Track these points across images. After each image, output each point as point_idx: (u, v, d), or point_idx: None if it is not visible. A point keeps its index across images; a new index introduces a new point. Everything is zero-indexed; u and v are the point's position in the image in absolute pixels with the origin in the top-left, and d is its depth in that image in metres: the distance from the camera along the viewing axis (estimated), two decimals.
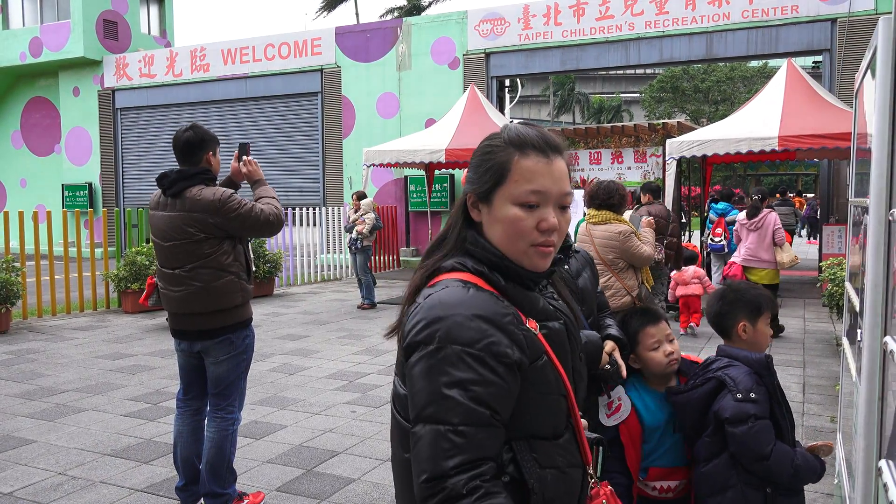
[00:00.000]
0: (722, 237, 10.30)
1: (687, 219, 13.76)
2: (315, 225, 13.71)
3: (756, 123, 9.65)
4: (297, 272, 13.27)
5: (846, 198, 9.26)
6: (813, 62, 22.86)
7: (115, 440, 4.69)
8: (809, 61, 23.28)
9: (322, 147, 17.13)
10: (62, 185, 20.35)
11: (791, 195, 20.13)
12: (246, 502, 3.63)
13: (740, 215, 8.21)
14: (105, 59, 19.71)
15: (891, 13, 1.86)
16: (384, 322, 8.84)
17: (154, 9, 21.81)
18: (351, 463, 4.23)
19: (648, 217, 5.42)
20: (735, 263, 7.94)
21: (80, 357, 7.14)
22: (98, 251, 16.54)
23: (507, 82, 16.72)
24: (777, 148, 9.23)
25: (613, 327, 2.58)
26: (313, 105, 17.29)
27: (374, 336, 8.15)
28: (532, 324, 1.29)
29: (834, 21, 12.26)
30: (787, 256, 7.71)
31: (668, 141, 9.92)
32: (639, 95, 44.26)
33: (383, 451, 4.39)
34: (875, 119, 1.97)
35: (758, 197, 8.41)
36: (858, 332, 2.25)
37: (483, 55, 15.24)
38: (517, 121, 1.39)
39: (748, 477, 2.17)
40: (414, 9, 33.52)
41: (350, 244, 10.46)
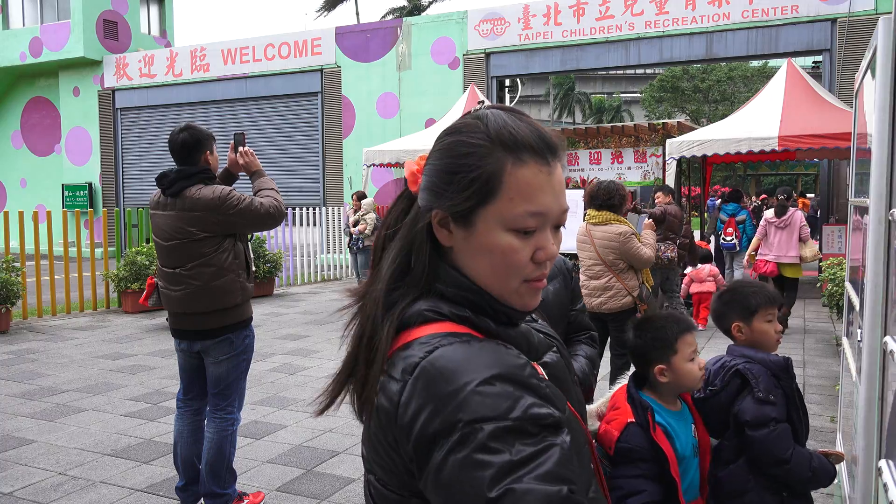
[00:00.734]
0: (733, 236, 10.69)
1: (688, 219, 13.77)
2: (315, 225, 13.71)
3: (756, 123, 9.65)
4: (297, 272, 13.27)
5: (846, 198, 9.26)
6: (813, 62, 22.85)
7: (115, 440, 4.69)
8: (809, 61, 23.27)
9: (322, 147, 17.13)
10: (62, 185, 20.35)
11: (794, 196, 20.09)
12: (246, 502, 3.63)
13: (768, 213, 8.46)
14: (105, 59, 19.71)
15: (891, 13, 1.86)
16: None
17: (154, 9, 21.81)
18: (351, 463, 4.22)
19: (649, 220, 5.44)
20: (768, 261, 8.27)
21: (80, 357, 7.14)
22: (98, 251, 16.54)
23: (507, 82, 16.73)
24: (777, 148, 9.24)
25: (580, 359, 2.15)
26: (313, 105, 17.29)
27: None
28: (538, 368, 1.01)
29: (834, 21, 12.26)
30: (811, 251, 8.13)
31: (668, 141, 9.93)
32: (639, 95, 44.27)
33: None
34: (875, 119, 1.97)
35: (783, 196, 8.68)
36: (858, 332, 2.25)
37: (483, 55, 15.24)
38: (487, 103, 1.00)
39: (765, 481, 2.12)
40: (414, 9, 33.53)
41: (351, 244, 10.47)
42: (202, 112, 18.50)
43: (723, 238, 10.95)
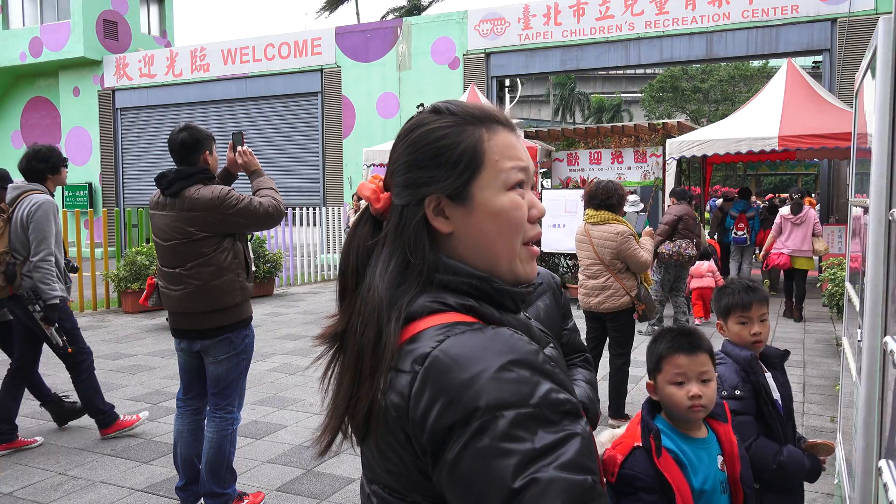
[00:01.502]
0: (744, 231, 11.32)
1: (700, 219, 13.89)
2: (315, 225, 13.72)
3: (756, 123, 9.66)
4: (297, 272, 13.27)
5: (846, 198, 9.27)
6: (813, 62, 22.86)
7: (115, 440, 4.68)
8: (809, 61, 23.28)
9: (322, 147, 17.13)
10: (62, 185, 20.34)
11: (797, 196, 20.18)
12: (246, 502, 3.63)
13: (784, 210, 9.19)
14: (105, 59, 19.71)
15: (891, 13, 1.86)
16: None
17: (154, 9, 21.82)
18: (351, 463, 4.22)
19: (649, 227, 5.47)
20: (783, 254, 8.96)
21: None
22: (98, 251, 16.54)
23: (507, 82, 16.72)
24: (777, 148, 9.25)
25: (581, 385, 1.93)
26: (313, 105, 17.29)
27: None
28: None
29: (834, 21, 12.27)
30: (822, 245, 8.96)
31: (668, 141, 9.93)
32: (639, 95, 44.27)
33: None
34: (875, 119, 1.97)
35: (798, 196, 9.40)
36: (858, 332, 2.25)
37: (483, 55, 15.25)
38: (426, 105, 1.08)
39: None
40: (414, 9, 33.53)
41: None
42: (202, 112, 18.50)
43: (734, 233, 11.45)
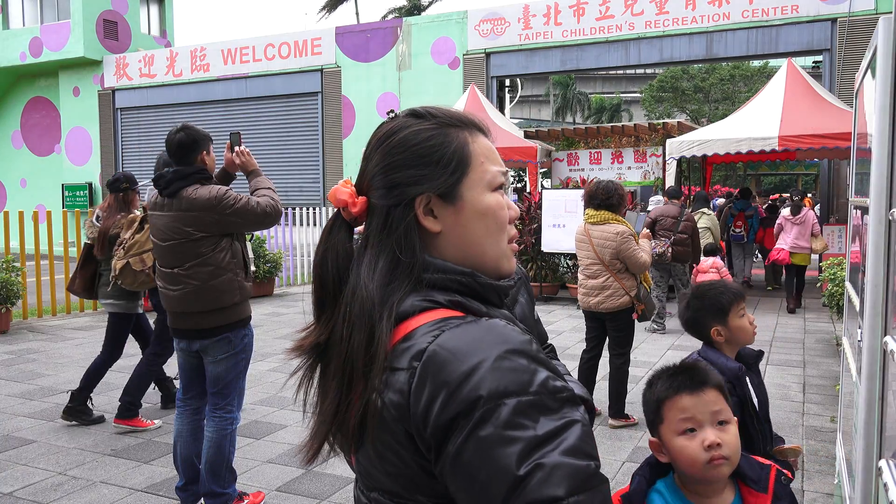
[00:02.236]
0: (742, 229, 11.82)
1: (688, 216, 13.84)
2: (315, 225, 13.71)
3: (756, 123, 9.66)
4: (297, 272, 13.27)
5: (846, 198, 9.28)
6: (813, 62, 22.86)
7: (115, 440, 4.68)
8: (809, 61, 23.28)
9: (322, 147, 17.13)
10: (62, 185, 20.36)
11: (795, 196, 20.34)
12: (246, 502, 3.63)
13: (785, 211, 10.05)
14: (105, 59, 19.71)
15: (891, 13, 1.86)
16: None
17: (154, 9, 21.82)
18: None
19: (646, 230, 5.48)
20: (783, 249, 9.70)
21: (80, 357, 7.13)
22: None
23: (507, 82, 16.73)
24: (777, 148, 9.25)
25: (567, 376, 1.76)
26: (313, 105, 17.29)
27: None
28: None
29: (834, 21, 12.27)
30: (820, 244, 9.70)
31: (668, 141, 9.93)
32: (639, 95, 44.26)
33: None
34: (875, 119, 1.97)
35: (798, 197, 10.16)
36: (858, 332, 2.25)
37: (483, 55, 15.24)
38: (395, 112, 1.08)
39: None
40: (414, 8, 33.53)
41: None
42: (202, 112, 18.50)
43: (732, 230, 11.83)
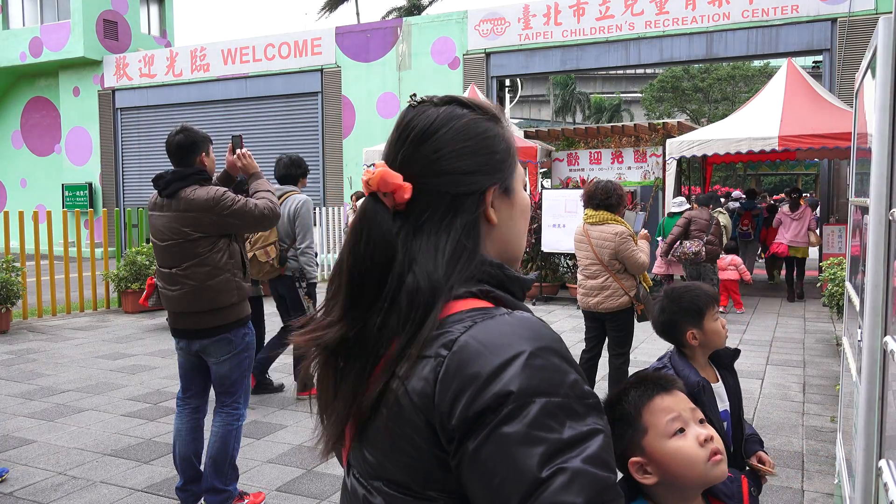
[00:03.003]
0: (748, 227, 12.51)
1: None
2: (315, 225, 13.68)
3: (756, 123, 9.66)
4: None
5: (846, 198, 9.29)
6: (813, 62, 22.85)
7: (115, 440, 4.68)
8: (809, 61, 23.28)
9: (322, 147, 17.13)
10: (62, 185, 20.35)
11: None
12: (246, 502, 3.64)
13: (784, 208, 10.97)
14: (105, 59, 19.71)
15: (891, 13, 1.86)
16: None
17: (154, 9, 21.81)
18: None
19: (645, 230, 5.48)
20: (782, 243, 10.65)
21: (80, 357, 7.13)
22: (98, 251, 16.54)
23: (507, 82, 16.72)
24: (777, 148, 9.25)
25: None
26: (313, 105, 17.28)
27: None
28: None
29: (834, 21, 12.26)
30: (815, 238, 10.68)
31: (668, 141, 9.93)
32: (639, 95, 44.26)
33: None
34: (875, 119, 1.97)
35: (796, 195, 10.95)
36: (858, 332, 2.25)
37: (483, 55, 15.24)
38: (418, 97, 1.04)
39: None
40: (414, 8, 33.52)
41: None
42: (202, 112, 18.50)
43: (740, 228, 12.43)
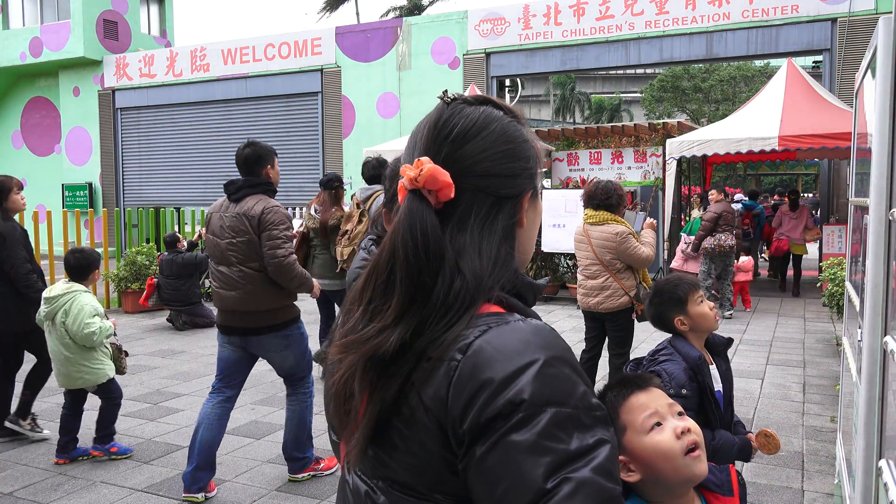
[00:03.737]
0: (748, 226, 12.71)
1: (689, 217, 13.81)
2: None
3: (756, 123, 9.66)
4: None
5: (846, 198, 9.29)
6: (813, 62, 22.85)
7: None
8: (809, 61, 23.28)
9: (322, 147, 17.13)
10: (62, 185, 20.35)
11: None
12: (322, 465, 4.03)
13: (784, 207, 11.52)
14: (105, 59, 19.71)
15: (891, 13, 1.86)
16: None
17: (154, 9, 21.81)
18: None
19: (651, 219, 5.44)
20: (783, 240, 11.20)
21: None
22: (98, 251, 16.53)
23: (508, 82, 16.73)
24: (777, 148, 9.25)
25: None
26: (313, 105, 17.29)
27: None
28: None
29: (834, 21, 12.26)
30: (812, 235, 11.25)
31: (668, 141, 9.93)
32: (639, 95, 44.25)
33: None
34: (875, 119, 1.98)
35: (794, 196, 11.57)
36: (858, 332, 2.25)
37: (483, 55, 15.24)
38: (450, 94, 1.08)
39: None
40: (414, 8, 33.53)
41: None
42: (202, 112, 18.50)
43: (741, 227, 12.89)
